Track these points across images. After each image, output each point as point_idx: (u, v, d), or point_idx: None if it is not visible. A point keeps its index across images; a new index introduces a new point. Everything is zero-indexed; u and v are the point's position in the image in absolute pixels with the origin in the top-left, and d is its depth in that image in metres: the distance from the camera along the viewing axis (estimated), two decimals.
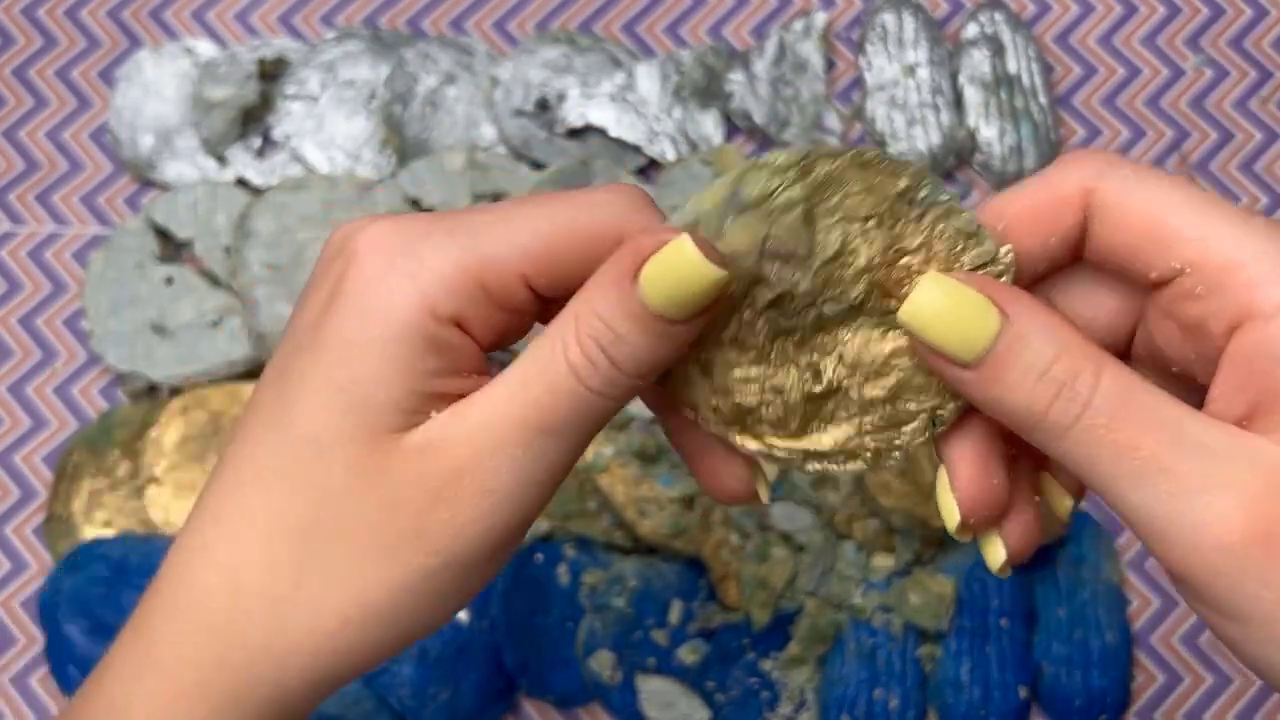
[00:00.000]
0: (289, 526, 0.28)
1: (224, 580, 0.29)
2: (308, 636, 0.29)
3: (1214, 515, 0.25)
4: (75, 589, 0.55)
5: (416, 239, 0.27)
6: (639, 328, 0.27)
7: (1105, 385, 0.26)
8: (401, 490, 0.28)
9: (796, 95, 0.63)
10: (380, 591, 0.28)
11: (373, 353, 0.27)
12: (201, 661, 0.29)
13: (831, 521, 0.55)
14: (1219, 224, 0.26)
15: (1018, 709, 0.54)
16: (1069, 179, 0.27)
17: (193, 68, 0.64)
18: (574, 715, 0.56)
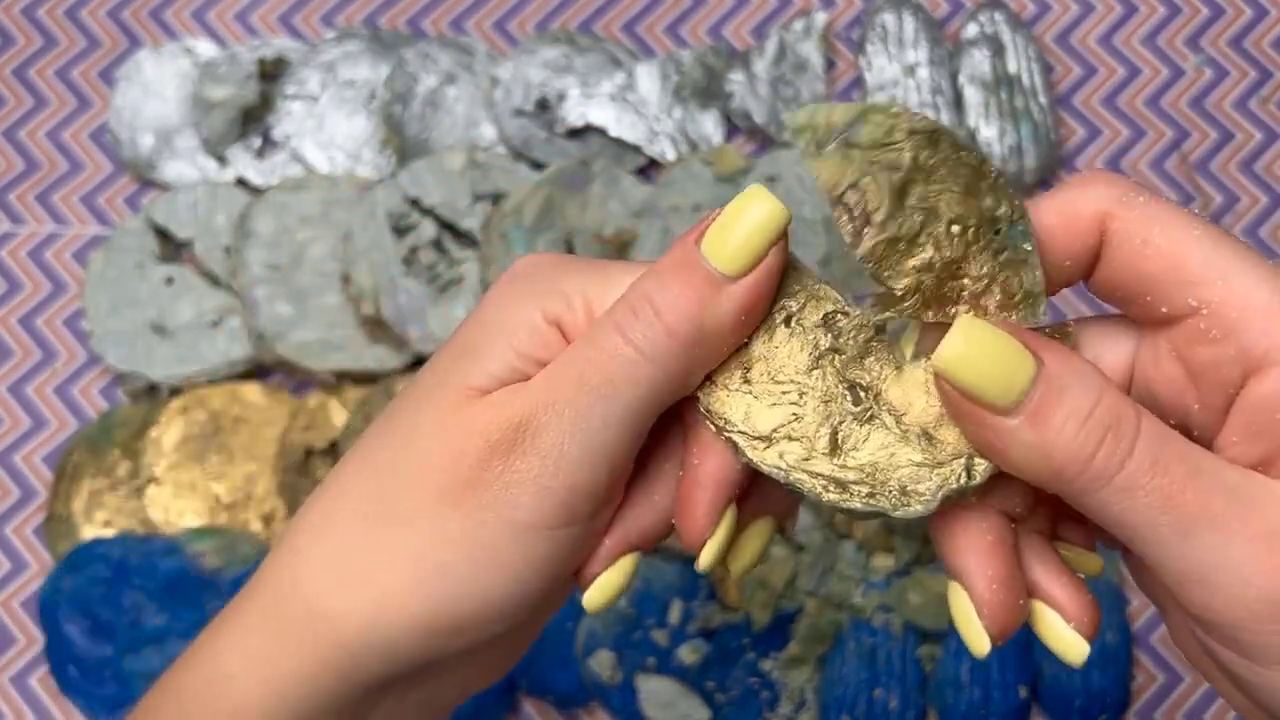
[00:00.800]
0: (375, 465, 0.30)
1: (313, 527, 0.30)
2: (363, 578, 0.29)
3: (1258, 564, 0.25)
4: (75, 589, 0.55)
5: (558, 266, 0.30)
6: (690, 279, 0.28)
7: (1146, 430, 0.25)
8: (468, 439, 0.29)
9: (796, 95, 0.63)
10: (430, 541, 0.29)
11: (483, 327, 0.30)
12: (279, 596, 0.30)
13: (832, 522, 0.55)
14: (1240, 266, 0.26)
15: (1018, 709, 0.54)
16: (1087, 202, 0.27)
17: (193, 68, 0.64)
18: (574, 715, 0.56)
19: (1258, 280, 0.25)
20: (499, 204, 0.60)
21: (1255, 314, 0.25)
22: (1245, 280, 0.25)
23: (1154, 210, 0.26)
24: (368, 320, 0.59)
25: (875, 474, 0.29)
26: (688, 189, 0.60)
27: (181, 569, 0.55)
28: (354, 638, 0.29)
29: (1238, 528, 0.25)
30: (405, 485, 0.29)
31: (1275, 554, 0.25)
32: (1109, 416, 0.25)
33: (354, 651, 0.29)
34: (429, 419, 0.29)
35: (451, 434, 0.29)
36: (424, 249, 0.59)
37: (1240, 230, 0.62)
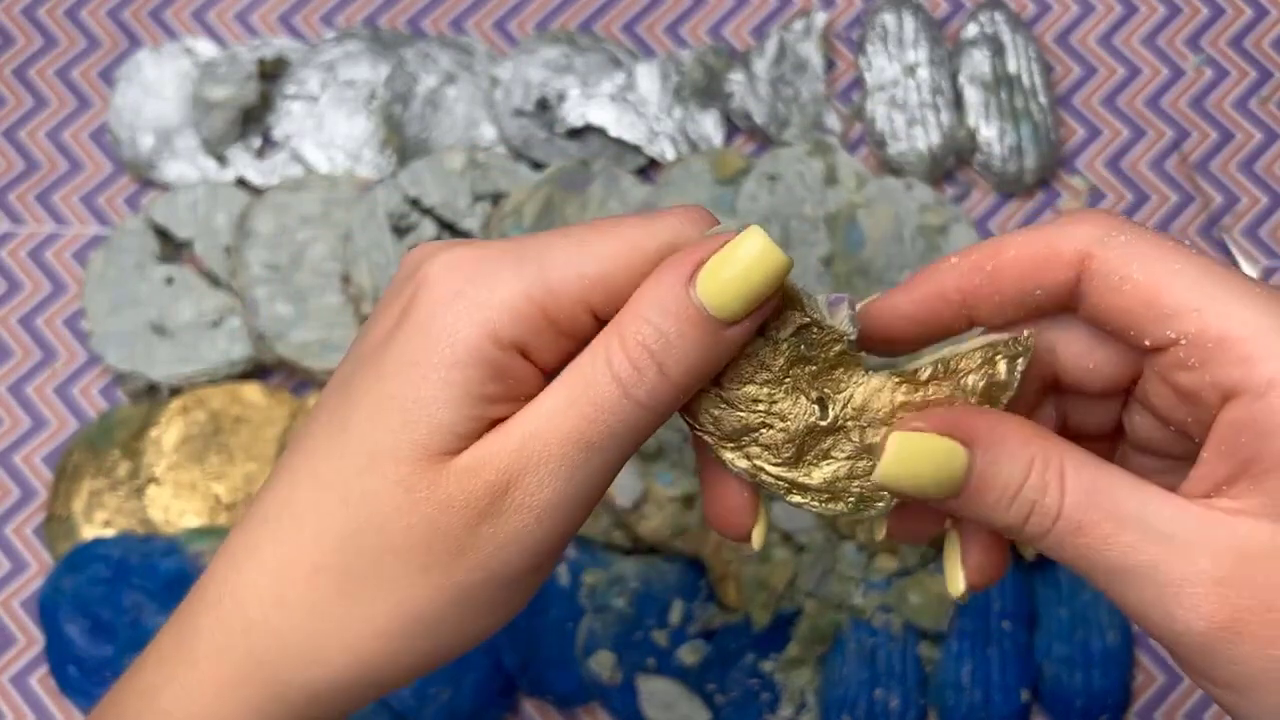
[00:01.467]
0: (336, 534, 0.29)
1: (269, 582, 0.29)
2: (345, 646, 0.29)
3: (1183, 607, 0.26)
4: (75, 589, 0.55)
5: (486, 268, 0.28)
6: (691, 331, 0.27)
7: (1070, 489, 0.27)
8: (447, 509, 0.28)
9: (796, 95, 0.63)
10: (419, 605, 0.29)
11: (433, 376, 0.28)
12: (238, 659, 0.30)
13: (833, 523, 0.55)
14: (1217, 295, 0.27)
15: (1019, 711, 0.54)
16: (1069, 241, 0.28)
17: (193, 68, 0.64)
18: (574, 715, 0.56)
19: (1235, 310, 0.26)
20: (499, 204, 0.60)
21: (1230, 343, 0.26)
22: (1222, 310, 0.27)
23: (1134, 248, 0.27)
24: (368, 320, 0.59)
25: (835, 485, 0.30)
26: (688, 189, 0.60)
27: (181, 569, 0.55)
28: (338, 703, 0.30)
29: (1163, 573, 0.26)
30: (380, 554, 0.29)
31: (1201, 598, 0.26)
32: (1035, 490, 0.27)
33: (332, 713, 0.30)
34: (391, 487, 0.28)
35: (429, 504, 0.28)
36: None
37: (1240, 230, 0.62)
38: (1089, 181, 0.63)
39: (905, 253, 0.59)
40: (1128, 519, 0.27)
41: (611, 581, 0.55)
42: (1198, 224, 0.62)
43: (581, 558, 0.55)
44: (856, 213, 0.60)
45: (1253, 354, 0.26)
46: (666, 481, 0.55)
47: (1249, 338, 0.26)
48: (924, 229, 0.60)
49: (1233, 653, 0.26)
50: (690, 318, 0.27)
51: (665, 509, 0.55)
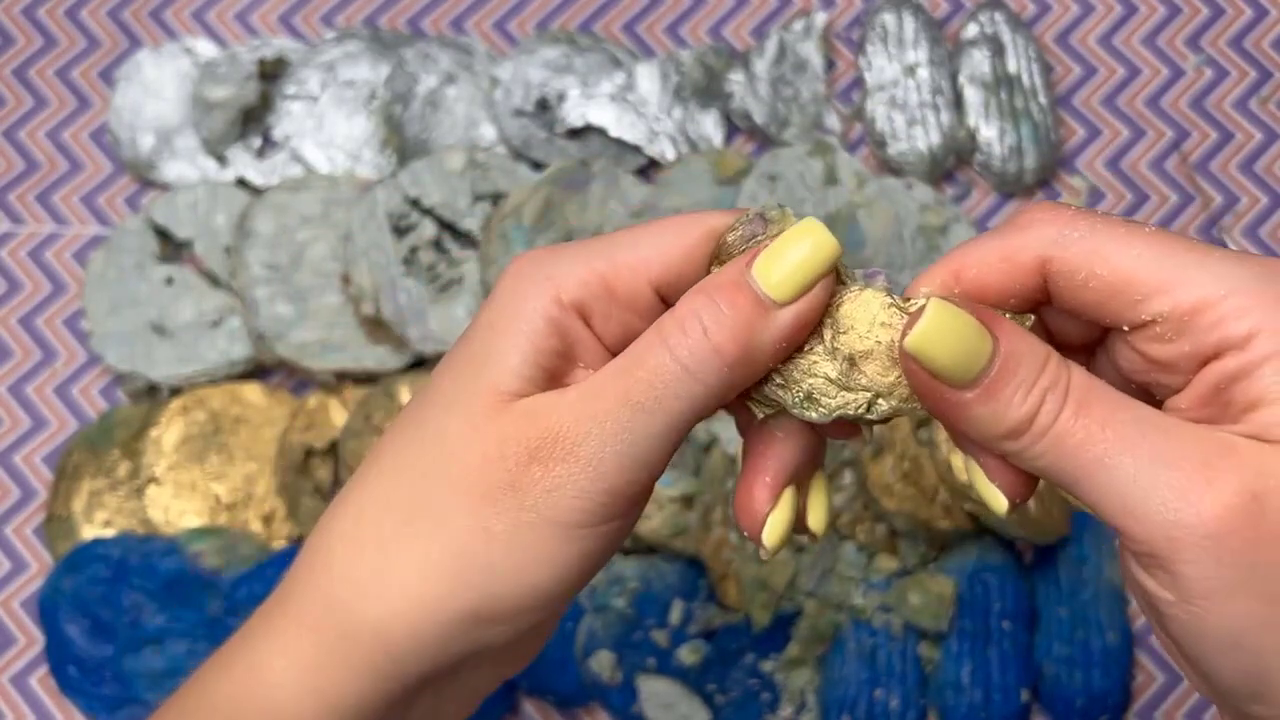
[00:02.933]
0: (409, 470, 0.31)
1: (349, 525, 0.31)
2: (403, 581, 0.30)
3: (1173, 490, 0.26)
4: (75, 589, 0.55)
5: (557, 253, 0.31)
6: (742, 304, 0.29)
7: (1075, 383, 0.28)
8: (504, 444, 0.30)
9: (796, 95, 0.63)
10: (471, 541, 0.30)
11: (502, 328, 0.31)
12: (319, 606, 0.31)
13: (835, 523, 0.55)
14: (1183, 270, 0.27)
15: (1019, 711, 0.54)
16: (1025, 245, 0.29)
17: (193, 68, 0.64)
18: (574, 715, 0.56)
19: (1203, 279, 0.27)
20: (499, 204, 0.60)
21: (1203, 311, 0.27)
22: (1190, 282, 0.27)
23: (1091, 242, 0.28)
24: (368, 320, 0.59)
25: (792, 373, 0.31)
26: (688, 189, 0.60)
27: (181, 569, 0.55)
28: (400, 641, 0.30)
29: (1153, 455, 0.27)
30: (441, 487, 0.30)
31: (1191, 481, 0.26)
32: (1048, 380, 0.28)
33: (400, 654, 0.30)
34: (460, 422, 0.30)
35: (488, 438, 0.30)
36: (424, 249, 0.59)
37: (1240, 230, 0.62)
38: (1089, 181, 0.63)
39: (905, 252, 0.59)
40: (1122, 406, 0.27)
41: (611, 581, 0.55)
42: (1198, 224, 0.62)
43: None
44: (856, 213, 0.60)
45: (1227, 314, 0.27)
46: (666, 482, 0.55)
47: (1221, 300, 0.27)
48: (924, 229, 0.60)
49: (1218, 552, 0.26)
50: (743, 293, 0.29)
51: (665, 509, 0.55)
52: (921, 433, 0.55)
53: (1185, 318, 0.27)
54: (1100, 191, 0.63)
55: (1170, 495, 0.26)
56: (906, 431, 0.55)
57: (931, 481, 0.54)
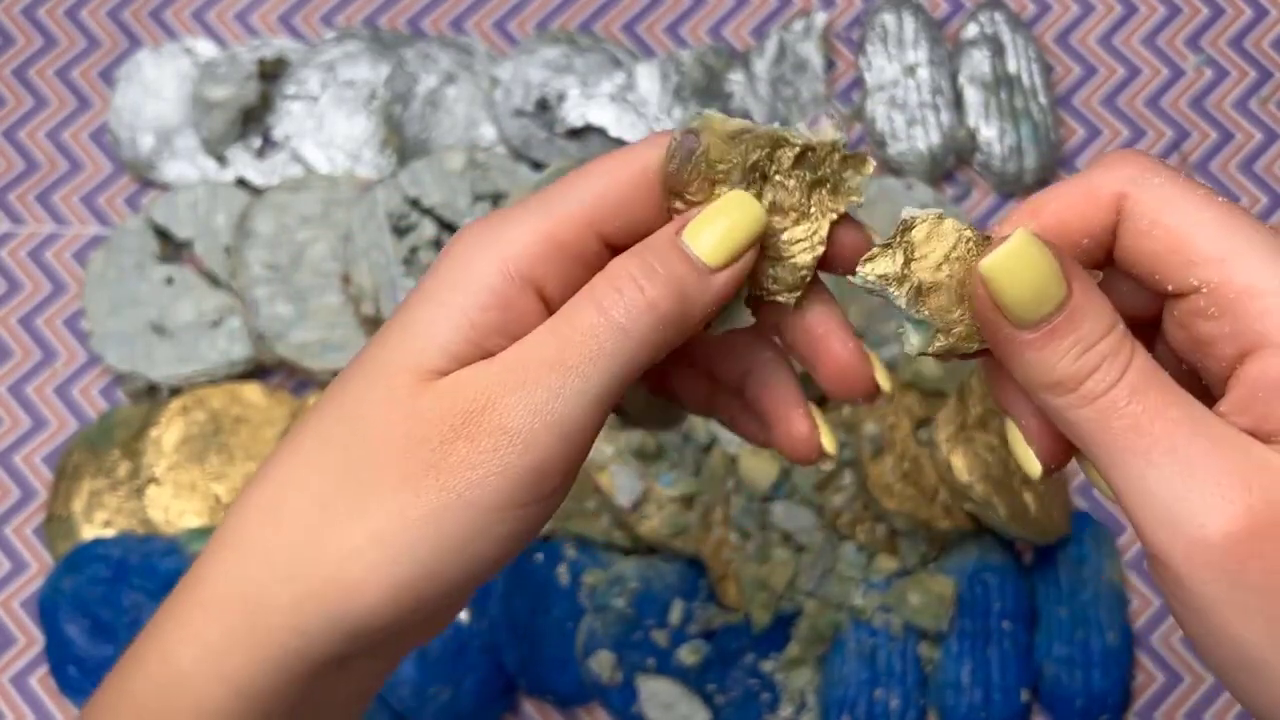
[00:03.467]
0: (332, 447, 0.29)
1: (267, 502, 0.30)
2: (320, 561, 0.29)
3: (1209, 504, 0.26)
4: (75, 589, 0.55)
5: (501, 216, 0.30)
6: (676, 264, 0.29)
7: (1136, 364, 0.27)
8: (426, 423, 0.29)
9: (796, 95, 0.63)
10: (391, 523, 0.29)
11: (439, 298, 0.29)
12: (228, 587, 0.30)
13: (835, 523, 0.55)
14: (1243, 247, 0.27)
15: (1019, 711, 0.54)
16: (1106, 181, 0.28)
17: (193, 68, 0.64)
18: (574, 715, 0.56)
19: (1260, 264, 0.26)
20: (499, 204, 0.60)
21: (1253, 296, 0.26)
22: (1247, 262, 0.26)
23: (1166, 191, 0.27)
24: (368, 320, 0.59)
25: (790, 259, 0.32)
26: None
27: (181, 569, 0.55)
28: (315, 623, 0.29)
29: (1199, 464, 0.26)
30: (362, 468, 0.29)
31: (1229, 498, 0.25)
32: (1109, 347, 0.27)
33: (313, 636, 0.29)
34: (382, 400, 0.29)
35: (410, 417, 0.29)
36: (424, 249, 0.59)
37: None
38: None
39: None
40: (1181, 406, 0.27)
41: (611, 581, 0.55)
42: None
43: (581, 558, 0.55)
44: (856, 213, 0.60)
45: (1272, 308, 0.26)
46: (666, 482, 0.55)
47: (1270, 292, 0.26)
48: None
49: (1236, 572, 0.25)
50: (676, 255, 0.29)
51: (665, 509, 0.55)
52: (921, 433, 0.55)
53: (1232, 296, 0.27)
54: None
55: (1200, 510, 0.26)
56: (906, 431, 0.55)
57: (931, 481, 0.54)
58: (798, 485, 0.56)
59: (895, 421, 0.55)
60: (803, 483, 0.56)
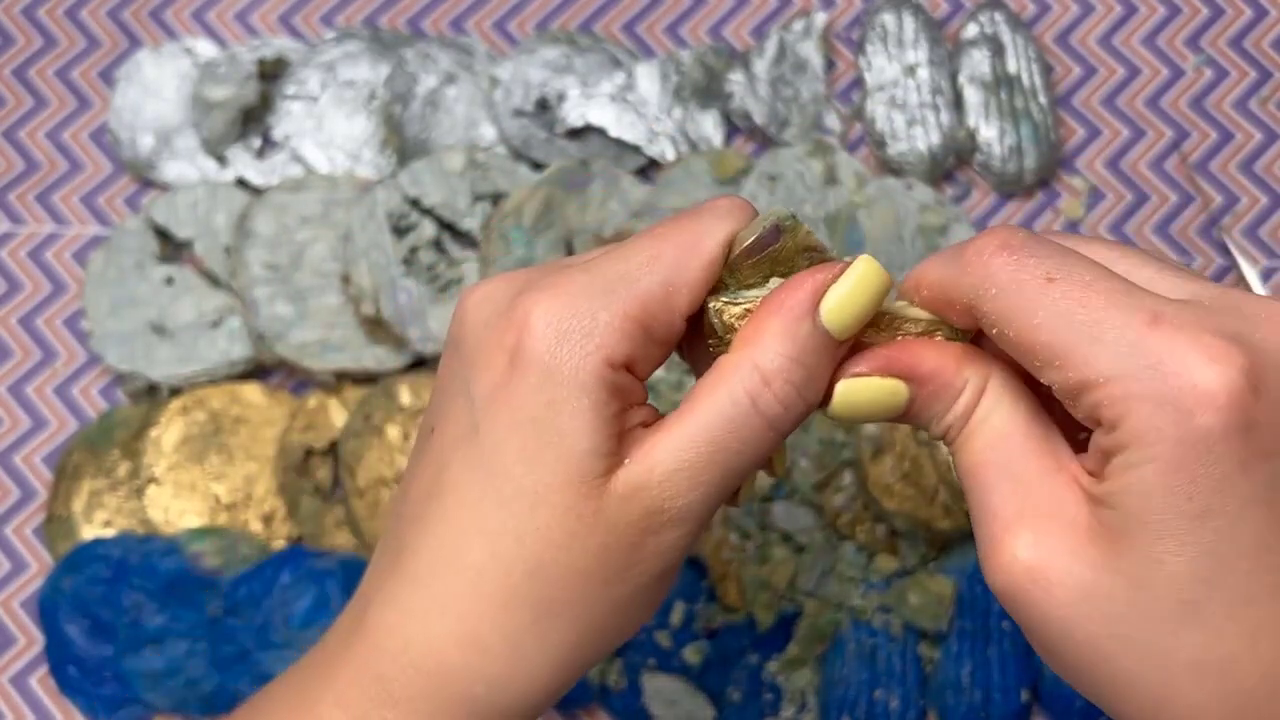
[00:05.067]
0: (519, 572, 0.31)
1: (464, 630, 0.32)
2: (542, 666, 0.32)
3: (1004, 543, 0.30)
4: (75, 589, 0.55)
5: (583, 303, 0.31)
6: (824, 358, 0.31)
7: (973, 422, 0.31)
8: (616, 531, 0.31)
9: (796, 95, 0.63)
10: (601, 619, 0.32)
11: (568, 408, 0.31)
12: (442, 696, 0.32)
13: (835, 523, 0.55)
14: (1076, 346, 0.28)
15: (1019, 711, 0.54)
16: (959, 290, 0.30)
17: (193, 68, 0.64)
18: (574, 715, 0.56)
19: (1091, 358, 0.28)
20: (499, 204, 0.60)
21: (1086, 391, 0.28)
22: (1079, 360, 0.28)
23: (1001, 303, 0.29)
24: (368, 320, 0.59)
25: None
26: (687, 189, 0.60)
27: (181, 569, 0.55)
28: (521, 711, 0.32)
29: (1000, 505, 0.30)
30: (563, 580, 0.31)
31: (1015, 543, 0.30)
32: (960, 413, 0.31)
33: (511, 715, 0.32)
34: (564, 520, 0.31)
35: (599, 530, 0.31)
36: (424, 249, 0.59)
37: (1240, 230, 0.62)
38: (1089, 182, 0.63)
39: (905, 253, 0.59)
40: (996, 457, 0.30)
41: None
42: (1198, 224, 0.62)
43: None
44: (856, 213, 0.60)
45: (1101, 401, 0.28)
46: None
47: (1100, 385, 0.28)
48: (924, 229, 0.60)
49: (1028, 595, 0.29)
50: (822, 346, 0.31)
51: None
52: (921, 433, 0.55)
53: (1071, 392, 0.28)
54: (1100, 191, 0.63)
55: (983, 550, 0.30)
56: (906, 431, 0.55)
57: (931, 481, 0.54)
58: (798, 485, 0.56)
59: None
60: (803, 483, 0.56)
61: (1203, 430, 0.27)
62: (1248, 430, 0.27)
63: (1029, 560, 0.29)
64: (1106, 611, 0.28)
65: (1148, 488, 0.27)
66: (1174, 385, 0.27)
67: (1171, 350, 0.27)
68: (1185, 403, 0.27)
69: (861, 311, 0.31)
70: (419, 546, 0.32)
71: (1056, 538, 0.29)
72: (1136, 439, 0.27)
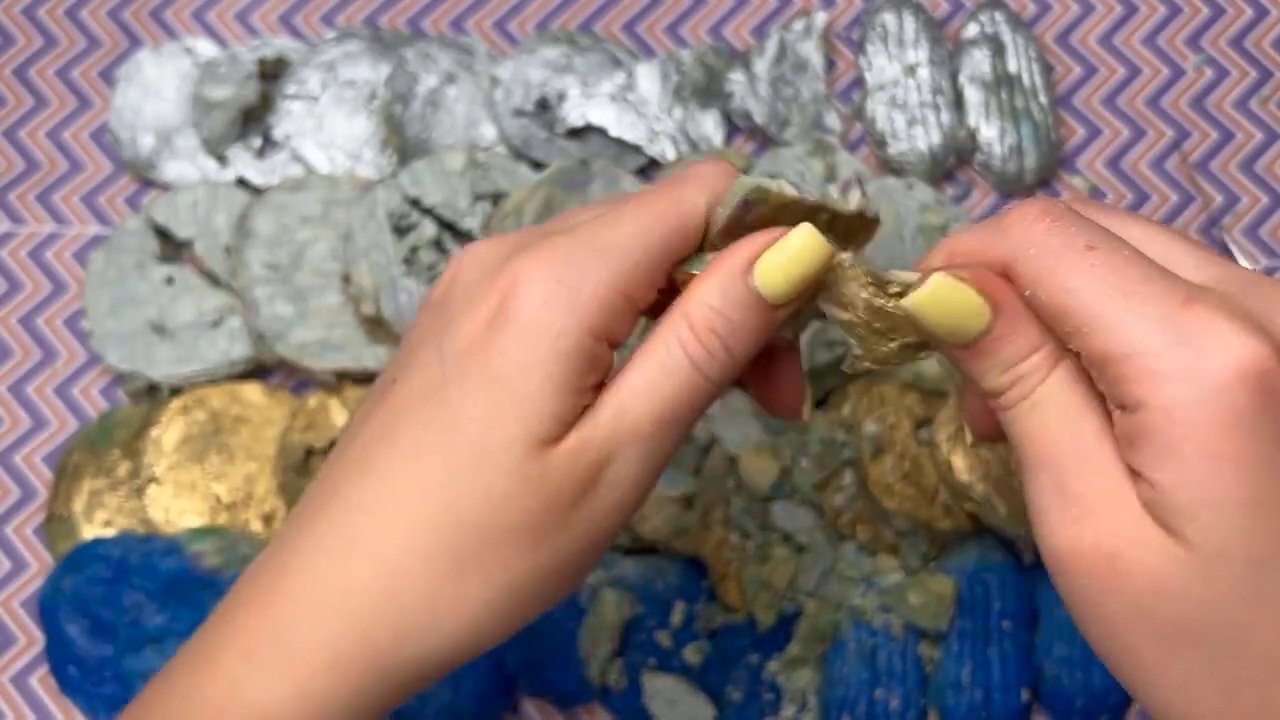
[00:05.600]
0: (449, 524, 0.32)
1: (383, 574, 0.32)
2: (459, 621, 0.32)
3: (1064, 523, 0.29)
4: (75, 589, 0.55)
5: (572, 267, 0.32)
6: (751, 314, 0.32)
7: (1048, 384, 0.30)
8: (557, 490, 0.31)
9: (796, 95, 0.63)
10: (527, 578, 0.32)
11: (540, 372, 0.31)
12: (350, 646, 0.32)
13: (835, 523, 0.55)
14: (1105, 315, 0.28)
15: (1019, 711, 0.54)
16: (995, 251, 0.31)
17: (193, 68, 0.64)
18: (574, 715, 0.56)
19: (1118, 331, 0.28)
20: (499, 204, 0.60)
21: (1110, 364, 0.28)
22: (1106, 331, 0.28)
23: (1035, 265, 0.30)
24: (368, 320, 0.59)
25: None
26: None
27: (181, 569, 0.55)
28: (437, 663, 0.32)
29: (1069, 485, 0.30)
30: (493, 538, 0.31)
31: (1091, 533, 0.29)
32: (1027, 369, 0.30)
33: (432, 672, 0.32)
34: (506, 477, 0.31)
35: (540, 489, 0.31)
36: (424, 249, 0.59)
37: (1240, 230, 0.62)
38: (1089, 181, 0.63)
39: (905, 252, 0.59)
40: (1073, 434, 0.30)
41: (612, 582, 0.54)
42: (1198, 224, 0.62)
43: None
44: None
45: (1127, 374, 0.28)
46: (667, 481, 0.55)
47: (1125, 359, 0.28)
48: (924, 229, 0.60)
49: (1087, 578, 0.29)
50: (750, 303, 0.32)
51: (665, 509, 0.55)
52: (921, 433, 0.55)
53: (1097, 363, 0.29)
54: (1100, 191, 0.63)
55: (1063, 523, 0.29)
56: (906, 431, 0.55)
57: (931, 481, 0.54)
58: (798, 485, 0.56)
59: (895, 421, 0.55)
60: (803, 483, 0.56)
61: (1241, 408, 0.26)
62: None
63: (1102, 542, 0.28)
64: (1180, 604, 0.28)
65: (1196, 475, 0.27)
66: (1206, 363, 0.27)
67: (1204, 328, 0.27)
68: (1219, 379, 0.26)
69: (794, 277, 0.31)
70: (353, 490, 0.32)
71: (1129, 522, 0.28)
72: (1167, 418, 0.27)
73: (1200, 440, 0.27)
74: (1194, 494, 0.27)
